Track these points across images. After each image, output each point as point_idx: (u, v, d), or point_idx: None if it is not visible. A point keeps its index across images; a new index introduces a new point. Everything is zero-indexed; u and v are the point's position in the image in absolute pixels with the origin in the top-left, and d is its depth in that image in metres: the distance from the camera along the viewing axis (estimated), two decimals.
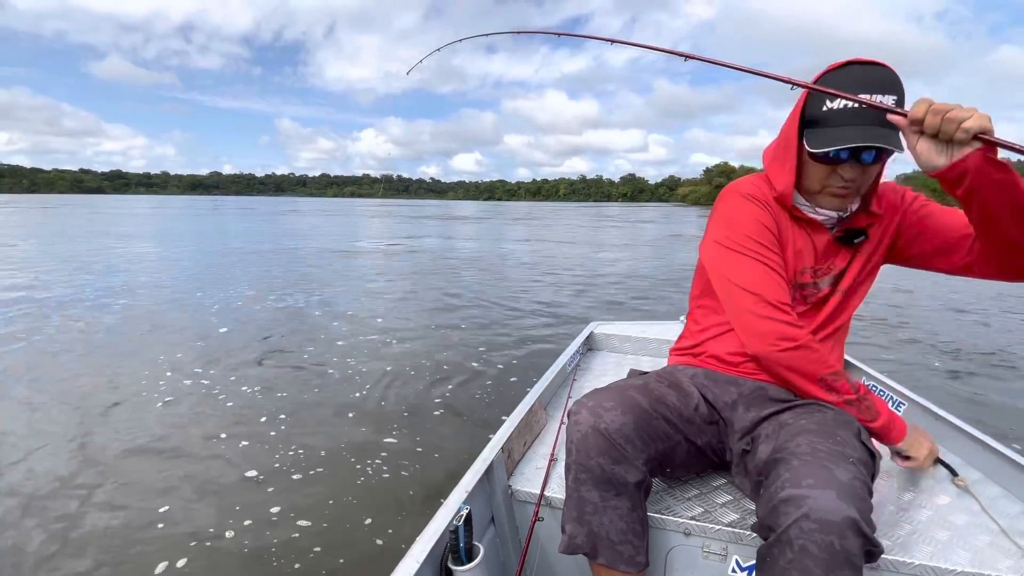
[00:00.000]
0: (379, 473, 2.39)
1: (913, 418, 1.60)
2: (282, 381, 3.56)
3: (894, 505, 1.15)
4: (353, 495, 2.21)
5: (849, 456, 0.87)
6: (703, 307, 1.29)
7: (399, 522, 2.03)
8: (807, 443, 0.90)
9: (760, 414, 1.09)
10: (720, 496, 1.16)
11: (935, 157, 0.82)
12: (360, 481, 2.32)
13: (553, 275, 8.88)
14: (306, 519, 2.04)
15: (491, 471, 1.18)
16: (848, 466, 0.84)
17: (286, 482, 2.31)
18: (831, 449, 0.88)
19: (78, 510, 2.10)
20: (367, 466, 2.45)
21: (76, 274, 8.01)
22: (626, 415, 1.00)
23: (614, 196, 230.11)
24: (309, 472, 2.39)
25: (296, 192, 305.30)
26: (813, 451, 0.88)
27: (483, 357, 4.15)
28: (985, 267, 1.01)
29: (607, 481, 0.97)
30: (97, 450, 2.58)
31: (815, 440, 0.91)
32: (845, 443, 0.91)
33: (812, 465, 0.84)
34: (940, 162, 0.82)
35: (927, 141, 0.81)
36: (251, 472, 2.38)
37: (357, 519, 2.05)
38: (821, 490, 0.79)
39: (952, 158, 0.81)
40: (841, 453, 0.87)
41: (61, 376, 3.60)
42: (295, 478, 2.33)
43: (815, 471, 0.83)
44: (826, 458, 0.85)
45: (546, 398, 1.68)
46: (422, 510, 2.10)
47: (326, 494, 2.21)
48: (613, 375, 2.02)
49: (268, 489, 2.25)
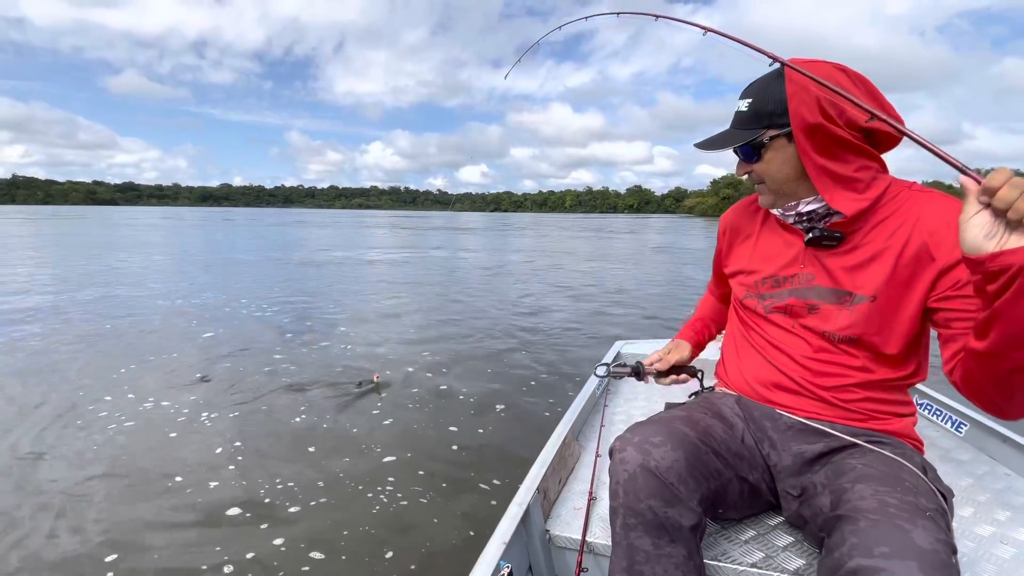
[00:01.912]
0: (395, 501, 2.32)
1: (977, 440, 1.52)
2: (297, 403, 3.52)
3: (971, 541, 1.05)
4: (370, 524, 2.14)
5: (925, 508, 0.77)
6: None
7: (427, 553, 1.96)
8: (872, 494, 0.81)
9: (804, 454, 1.00)
10: (780, 538, 1.06)
11: (984, 239, 0.68)
12: (376, 510, 2.25)
13: (570, 288, 8.82)
14: (319, 551, 1.97)
15: (528, 516, 1.10)
16: (926, 523, 0.74)
17: (304, 512, 2.24)
18: (902, 501, 0.78)
19: (68, 553, 2.04)
20: (380, 494, 2.38)
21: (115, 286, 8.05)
22: (676, 451, 0.92)
23: (620, 208, 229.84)
24: (320, 500, 2.32)
25: (304, 204, 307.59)
26: (881, 506, 0.77)
27: (502, 372, 4.09)
28: (960, 383, 0.85)
29: (660, 526, 0.89)
30: (95, 476, 2.53)
31: (881, 490, 0.81)
32: (917, 489, 0.82)
33: (883, 526, 0.74)
34: (987, 246, 0.68)
35: (988, 216, 0.68)
36: (273, 498, 2.32)
37: (377, 551, 1.98)
38: (900, 561, 0.69)
39: (1003, 245, 0.66)
40: (915, 505, 0.77)
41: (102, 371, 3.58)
42: (311, 505, 2.27)
43: (888, 535, 0.73)
44: (898, 514, 0.75)
45: (578, 427, 1.60)
46: (445, 538, 2.03)
47: (339, 523, 2.15)
48: (645, 399, 1.94)
49: (289, 513, 2.18)
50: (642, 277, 10.58)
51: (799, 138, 0.91)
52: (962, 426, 1.55)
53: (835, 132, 0.89)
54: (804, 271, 1.03)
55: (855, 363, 1.00)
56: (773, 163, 0.96)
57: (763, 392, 1.08)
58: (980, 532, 1.09)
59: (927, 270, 0.90)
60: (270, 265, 11.76)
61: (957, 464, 1.43)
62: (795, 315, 1.05)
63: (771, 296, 1.08)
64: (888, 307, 0.95)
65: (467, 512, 2.22)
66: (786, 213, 1.03)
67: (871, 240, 0.95)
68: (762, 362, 1.10)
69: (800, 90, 0.89)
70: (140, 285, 8.30)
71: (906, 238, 0.92)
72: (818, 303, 1.01)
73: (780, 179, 0.98)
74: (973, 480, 1.33)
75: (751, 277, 1.13)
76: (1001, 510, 1.18)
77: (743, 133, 0.97)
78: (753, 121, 0.95)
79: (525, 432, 3.01)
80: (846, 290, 0.98)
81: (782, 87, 0.91)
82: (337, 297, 7.71)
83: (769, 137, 0.94)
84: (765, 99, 0.93)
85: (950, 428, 1.63)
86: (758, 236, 1.13)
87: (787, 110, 0.91)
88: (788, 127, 0.92)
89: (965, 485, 1.31)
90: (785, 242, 1.06)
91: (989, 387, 0.80)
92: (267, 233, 26.25)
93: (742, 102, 0.97)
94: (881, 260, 0.94)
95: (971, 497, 1.24)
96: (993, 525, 1.12)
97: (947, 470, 1.38)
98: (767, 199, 1.04)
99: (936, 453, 1.48)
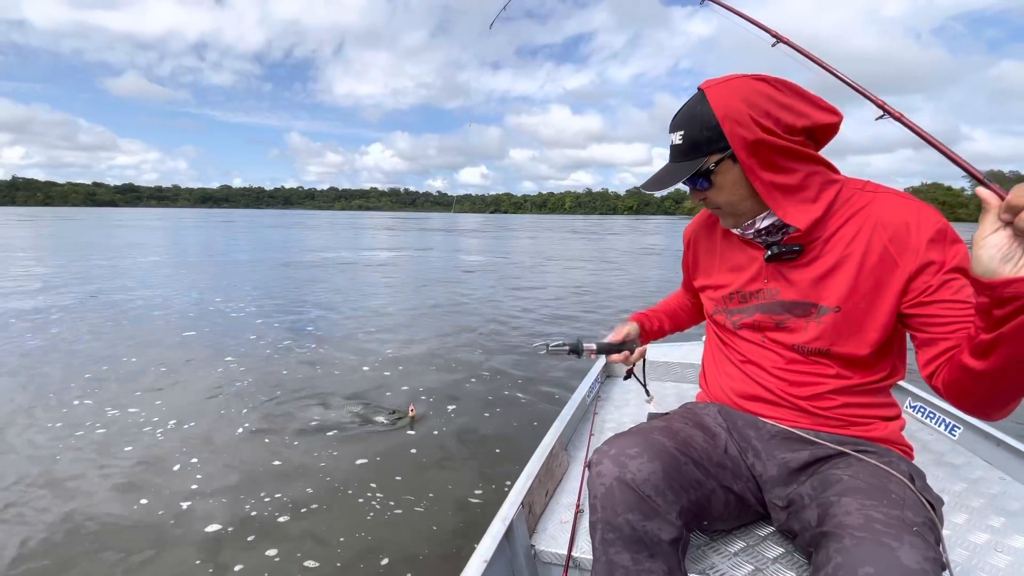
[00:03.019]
0: (388, 509, 2.29)
1: (970, 443, 1.49)
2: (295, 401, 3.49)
3: (965, 549, 1.02)
4: (365, 531, 2.11)
5: (912, 523, 0.74)
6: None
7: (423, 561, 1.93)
8: (858, 508, 0.78)
9: (789, 463, 0.98)
10: (770, 549, 1.03)
11: (1001, 262, 0.63)
12: (369, 517, 2.22)
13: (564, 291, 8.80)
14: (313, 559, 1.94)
15: (511, 531, 1.06)
16: (913, 539, 0.71)
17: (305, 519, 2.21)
18: (888, 516, 0.75)
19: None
20: (372, 500, 2.35)
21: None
22: (653, 462, 0.89)
23: (620, 209, 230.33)
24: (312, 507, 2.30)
25: (304, 205, 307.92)
26: (867, 522, 0.75)
27: (485, 374, 4.07)
28: (943, 388, 0.84)
29: (638, 540, 0.86)
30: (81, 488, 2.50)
31: (867, 504, 0.78)
32: (904, 502, 0.80)
33: (868, 545, 0.71)
34: (1003, 270, 0.63)
35: (1006, 237, 0.63)
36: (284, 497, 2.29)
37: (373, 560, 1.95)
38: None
39: (1020, 271, 0.62)
40: (901, 520, 0.74)
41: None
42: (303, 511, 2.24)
43: (873, 553, 0.70)
44: (885, 531, 0.72)
45: (567, 437, 1.55)
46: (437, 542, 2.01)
47: (333, 530, 2.12)
48: (636, 404, 1.91)
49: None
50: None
51: (742, 157, 0.88)
52: (955, 429, 1.52)
53: (776, 143, 0.87)
54: (768, 286, 1.02)
55: (829, 371, 0.98)
56: (725, 187, 0.93)
57: (743, 404, 1.07)
58: (974, 540, 1.07)
59: (892, 276, 0.88)
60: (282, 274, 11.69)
61: (951, 468, 1.40)
62: (763, 329, 1.04)
63: (739, 312, 1.07)
64: (855, 316, 0.93)
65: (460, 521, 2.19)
66: (745, 232, 1.00)
67: (831, 249, 0.93)
68: (739, 374, 1.09)
69: (729, 111, 0.87)
70: (135, 291, 8.25)
71: (866, 244, 0.90)
72: (784, 317, 1.00)
73: (736, 200, 0.95)
74: (967, 485, 1.31)
75: (718, 292, 1.11)
76: (996, 516, 1.15)
77: (686, 165, 0.93)
78: (692, 151, 0.92)
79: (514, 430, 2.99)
80: (811, 302, 0.96)
81: (709, 111, 0.89)
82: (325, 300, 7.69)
83: (715, 163, 0.91)
84: (697, 127, 0.90)
85: (943, 431, 1.60)
86: (721, 251, 1.12)
87: (722, 133, 0.88)
88: (729, 149, 0.89)
89: (959, 490, 1.28)
90: (748, 256, 1.04)
91: (980, 398, 0.78)
92: (271, 236, 26.18)
93: (674, 135, 0.94)
94: (843, 269, 0.92)
95: (965, 503, 1.22)
96: (988, 532, 1.09)
97: (940, 474, 1.36)
98: (728, 221, 1.01)
99: (929, 457, 1.46)
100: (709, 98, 0.89)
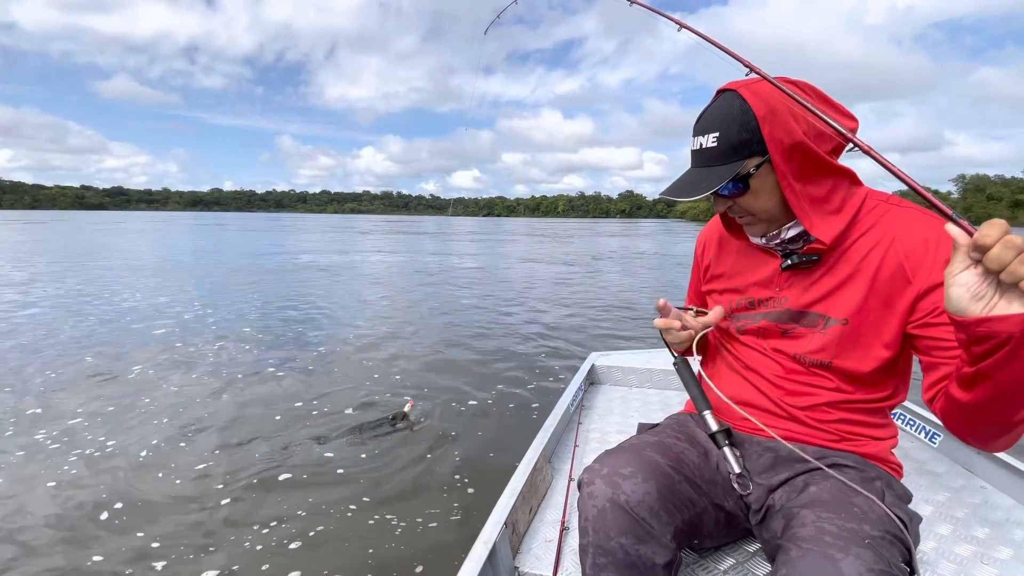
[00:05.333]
0: (382, 519, 2.28)
1: (951, 452, 1.50)
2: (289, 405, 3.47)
3: (952, 562, 1.02)
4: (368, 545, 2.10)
5: (865, 536, 0.72)
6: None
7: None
8: (813, 520, 0.76)
9: (770, 479, 0.96)
10: (760, 566, 1.02)
11: (970, 300, 0.62)
12: (362, 527, 2.21)
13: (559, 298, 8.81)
14: None
15: (494, 554, 1.03)
16: (861, 551, 0.69)
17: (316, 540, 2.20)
18: (842, 529, 0.73)
19: None
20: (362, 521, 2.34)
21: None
22: (648, 482, 0.87)
23: (612, 212, 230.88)
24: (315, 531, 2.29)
25: (296, 208, 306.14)
26: (817, 534, 0.73)
27: (477, 382, 4.06)
28: (940, 416, 0.83)
29: (631, 565, 0.84)
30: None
31: (824, 516, 0.77)
32: (866, 515, 0.77)
33: (812, 557, 0.69)
34: (972, 308, 0.62)
35: (976, 275, 0.62)
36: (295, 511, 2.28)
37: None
38: None
39: (991, 309, 0.61)
40: (855, 533, 0.73)
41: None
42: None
43: (815, 566, 0.68)
44: (833, 543, 0.71)
45: (550, 448, 1.51)
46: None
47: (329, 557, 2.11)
48: (620, 413, 1.90)
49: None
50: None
51: (778, 163, 0.85)
52: (935, 436, 1.52)
53: (813, 149, 0.85)
54: (779, 295, 0.99)
55: (828, 384, 0.96)
56: (762, 193, 0.89)
57: (736, 409, 1.04)
58: (960, 552, 1.06)
59: (904, 293, 0.85)
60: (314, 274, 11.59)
61: (933, 477, 1.41)
62: (767, 337, 1.02)
63: (744, 317, 1.06)
64: (861, 330, 0.90)
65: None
66: (770, 242, 0.97)
67: (846, 261, 0.90)
68: (737, 381, 1.07)
69: (769, 112, 0.83)
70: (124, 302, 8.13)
71: (881, 259, 0.87)
72: (791, 326, 0.98)
73: (771, 208, 0.90)
74: (950, 494, 1.31)
75: (725, 296, 1.10)
76: (979, 527, 1.15)
77: (723, 169, 0.87)
78: (730, 154, 0.86)
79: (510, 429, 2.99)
80: (819, 313, 0.94)
81: (750, 112, 0.84)
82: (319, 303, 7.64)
83: (755, 167, 0.86)
84: (735, 128, 0.85)
85: (924, 439, 1.60)
86: (735, 257, 1.09)
87: (761, 136, 0.84)
88: (767, 153, 0.85)
89: (942, 500, 1.29)
90: (762, 263, 1.02)
91: (972, 427, 0.77)
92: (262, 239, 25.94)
93: (705, 138, 0.88)
94: (855, 282, 0.90)
95: (948, 513, 1.22)
96: (972, 543, 1.09)
97: (923, 483, 1.36)
98: (758, 228, 0.96)
99: (911, 466, 1.47)
100: (747, 98, 0.84)
